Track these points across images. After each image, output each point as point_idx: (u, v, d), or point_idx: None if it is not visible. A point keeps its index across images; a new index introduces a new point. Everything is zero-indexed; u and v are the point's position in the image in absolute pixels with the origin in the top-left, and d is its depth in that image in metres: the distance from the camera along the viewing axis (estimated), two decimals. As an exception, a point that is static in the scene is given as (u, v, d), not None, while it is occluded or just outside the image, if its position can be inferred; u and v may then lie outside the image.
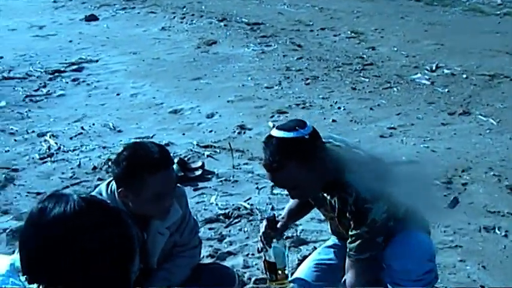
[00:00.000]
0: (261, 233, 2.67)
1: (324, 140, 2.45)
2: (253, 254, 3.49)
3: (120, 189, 2.45)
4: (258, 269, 3.34)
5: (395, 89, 6.27)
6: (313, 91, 6.32)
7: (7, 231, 3.76)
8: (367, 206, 2.40)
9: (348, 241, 2.51)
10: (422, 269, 2.50)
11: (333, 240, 2.91)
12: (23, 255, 1.36)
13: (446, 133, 5.12)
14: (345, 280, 2.56)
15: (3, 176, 4.62)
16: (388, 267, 2.53)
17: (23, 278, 1.36)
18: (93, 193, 2.58)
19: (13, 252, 1.43)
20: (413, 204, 2.55)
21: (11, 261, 1.39)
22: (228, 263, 3.37)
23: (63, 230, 1.32)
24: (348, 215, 2.47)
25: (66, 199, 1.37)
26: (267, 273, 2.74)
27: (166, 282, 2.76)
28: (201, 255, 3.09)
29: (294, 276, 2.83)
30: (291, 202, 2.87)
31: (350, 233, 2.48)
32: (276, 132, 2.37)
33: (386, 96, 6.07)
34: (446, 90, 6.15)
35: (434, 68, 6.80)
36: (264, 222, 2.61)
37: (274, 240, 2.66)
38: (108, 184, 2.57)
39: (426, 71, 6.73)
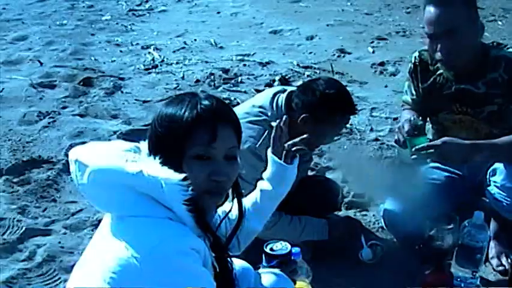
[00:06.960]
0: (403, 133, 2.43)
1: None
2: (352, 171, 3.57)
3: (304, 115, 2.49)
4: (356, 184, 3.42)
5: (499, 22, 6.11)
6: (414, 20, 6.24)
7: (117, 133, 3.98)
8: None
9: None
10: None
11: None
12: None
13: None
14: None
15: (112, 83, 4.83)
16: (493, 183, 2.52)
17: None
18: (249, 100, 2.73)
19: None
20: None
21: None
22: (327, 176, 3.46)
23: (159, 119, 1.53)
24: (497, 95, 2.44)
25: (187, 100, 1.53)
26: None
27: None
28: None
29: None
30: (406, 116, 2.75)
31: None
32: None
33: (490, 29, 5.89)
34: (555, 26, 5.96)
35: (543, 2, 6.57)
36: (407, 125, 2.42)
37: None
38: (274, 96, 2.62)
39: (534, 5, 6.51)
